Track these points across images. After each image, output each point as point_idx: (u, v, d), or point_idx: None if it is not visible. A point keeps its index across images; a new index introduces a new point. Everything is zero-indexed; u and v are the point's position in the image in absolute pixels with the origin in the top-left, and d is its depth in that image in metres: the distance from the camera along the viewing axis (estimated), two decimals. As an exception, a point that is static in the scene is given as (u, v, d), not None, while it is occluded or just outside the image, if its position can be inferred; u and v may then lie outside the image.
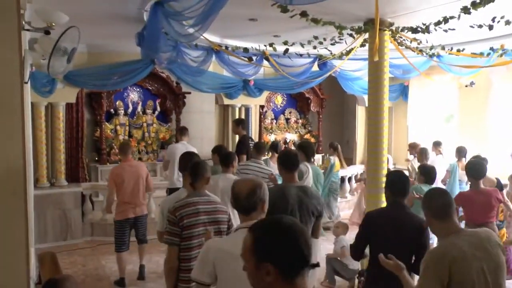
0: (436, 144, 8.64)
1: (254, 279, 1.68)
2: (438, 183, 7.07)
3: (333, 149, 8.94)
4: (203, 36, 5.33)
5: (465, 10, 4.97)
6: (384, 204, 5.39)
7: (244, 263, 1.72)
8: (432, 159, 8.19)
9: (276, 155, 6.61)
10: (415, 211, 5.47)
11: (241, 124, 8.02)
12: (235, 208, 2.71)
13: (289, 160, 4.00)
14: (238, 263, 1.88)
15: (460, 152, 7.99)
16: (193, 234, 3.23)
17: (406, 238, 3.41)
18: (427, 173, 5.65)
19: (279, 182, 4.77)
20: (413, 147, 8.85)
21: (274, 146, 7.58)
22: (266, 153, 7.76)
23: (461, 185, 7.76)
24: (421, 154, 7.55)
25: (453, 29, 5.74)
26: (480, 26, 5.73)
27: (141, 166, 6.51)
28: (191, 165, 3.60)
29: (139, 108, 9.78)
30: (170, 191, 6.98)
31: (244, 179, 2.83)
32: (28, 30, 4.09)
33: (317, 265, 1.71)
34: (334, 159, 8.74)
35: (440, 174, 7.74)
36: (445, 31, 5.77)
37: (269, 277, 1.62)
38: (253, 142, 7.48)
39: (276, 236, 1.65)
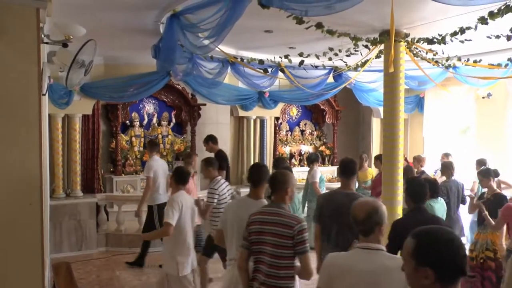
0: (447, 155, 8.41)
1: (412, 280, 1.85)
2: (454, 195, 6.82)
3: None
4: (218, 48, 5.36)
5: (482, 20, 4.88)
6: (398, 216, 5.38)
7: (403, 264, 1.89)
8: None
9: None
10: None
11: (211, 140, 7.70)
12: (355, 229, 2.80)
13: (343, 167, 4.50)
14: (351, 278, 2.52)
15: (481, 164, 7.74)
16: (252, 241, 3.41)
17: None
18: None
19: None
20: (418, 161, 8.49)
21: (312, 159, 8.20)
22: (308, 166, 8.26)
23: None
24: (446, 168, 6.93)
25: (470, 40, 5.68)
26: (497, 37, 5.65)
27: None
28: (269, 178, 3.73)
29: (155, 119, 9.86)
30: (158, 207, 7.01)
31: (362, 202, 2.85)
32: (47, 43, 4.16)
33: (473, 276, 1.82)
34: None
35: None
36: (462, 42, 5.71)
37: (427, 280, 1.77)
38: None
39: (440, 245, 1.79)
